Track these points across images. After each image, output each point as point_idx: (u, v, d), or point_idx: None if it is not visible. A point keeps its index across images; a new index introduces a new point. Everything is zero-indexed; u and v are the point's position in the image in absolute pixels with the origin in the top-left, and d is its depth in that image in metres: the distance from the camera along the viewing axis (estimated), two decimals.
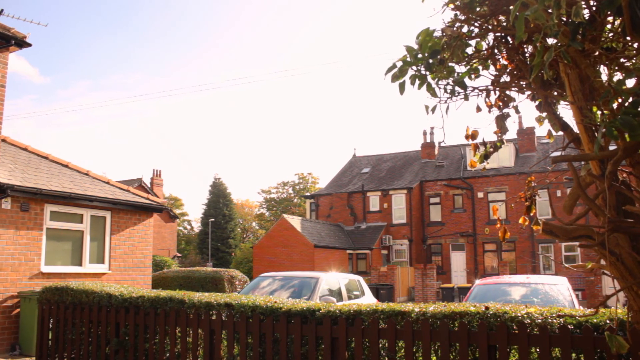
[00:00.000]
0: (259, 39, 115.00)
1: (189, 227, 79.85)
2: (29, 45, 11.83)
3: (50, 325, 8.69)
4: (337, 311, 5.93)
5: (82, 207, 13.03)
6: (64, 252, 12.72)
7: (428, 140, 43.83)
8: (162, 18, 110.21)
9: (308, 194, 52.90)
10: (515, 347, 4.99)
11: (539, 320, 4.90)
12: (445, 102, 3.94)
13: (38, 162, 13.42)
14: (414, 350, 5.42)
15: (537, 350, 4.84)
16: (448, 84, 3.89)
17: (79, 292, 8.41)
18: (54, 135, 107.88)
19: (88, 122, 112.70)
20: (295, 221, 36.01)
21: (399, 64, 3.67)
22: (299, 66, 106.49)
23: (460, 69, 3.96)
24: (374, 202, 40.40)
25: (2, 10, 11.19)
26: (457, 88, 3.89)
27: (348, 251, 37.32)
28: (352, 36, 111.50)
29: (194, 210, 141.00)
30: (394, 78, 3.69)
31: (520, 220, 4.17)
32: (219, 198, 64.14)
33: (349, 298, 11.43)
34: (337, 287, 11.40)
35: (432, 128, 43.81)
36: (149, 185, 52.77)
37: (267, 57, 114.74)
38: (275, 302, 6.48)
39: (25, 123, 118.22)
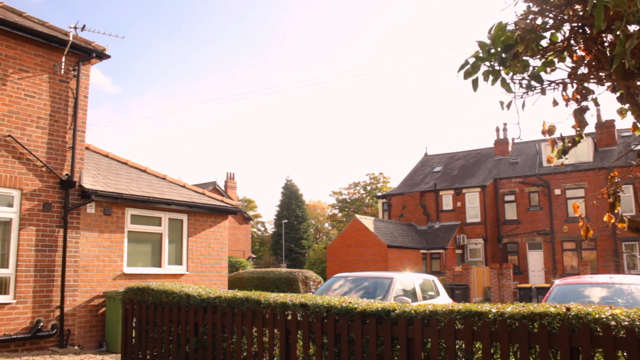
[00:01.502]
0: (326, 39, 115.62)
1: (262, 228, 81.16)
2: (108, 57, 12.39)
3: (134, 324, 9.04)
4: (413, 312, 5.87)
5: (160, 210, 13.50)
6: (144, 254, 13.21)
7: (501, 136, 42.73)
8: (227, 23, 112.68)
9: (380, 194, 52.65)
10: (599, 350, 4.78)
11: (626, 323, 4.67)
12: (521, 97, 3.84)
13: (118, 168, 14.00)
14: (492, 351, 5.30)
15: (625, 354, 4.61)
16: (523, 78, 3.78)
17: (159, 292, 8.70)
18: (131, 142, 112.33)
19: (163, 128, 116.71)
20: (367, 221, 35.95)
21: (472, 60, 3.61)
22: (368, 64, 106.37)
23: (535, 62, 3.85)
24: (447, 201, 39.78)
25: (84, 25, 11.82)
26: (532, 82, 3.78)
27: (421, 251, 36.91)
28: (422, 32, 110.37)
29: (267, 212, 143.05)
30: (467, 75, 3.63)
31: (605, 218, 4.00)
32: (291, 199, 64.91)
33: (424, 298, 11.28)
34: (411, 288, 11.28)
35: (505, 124, 42.65)
36: (223, 188, 54.09)
37: (334, 56, 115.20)
38: (350, 302, 6.48)
39: (105, 131, 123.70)
